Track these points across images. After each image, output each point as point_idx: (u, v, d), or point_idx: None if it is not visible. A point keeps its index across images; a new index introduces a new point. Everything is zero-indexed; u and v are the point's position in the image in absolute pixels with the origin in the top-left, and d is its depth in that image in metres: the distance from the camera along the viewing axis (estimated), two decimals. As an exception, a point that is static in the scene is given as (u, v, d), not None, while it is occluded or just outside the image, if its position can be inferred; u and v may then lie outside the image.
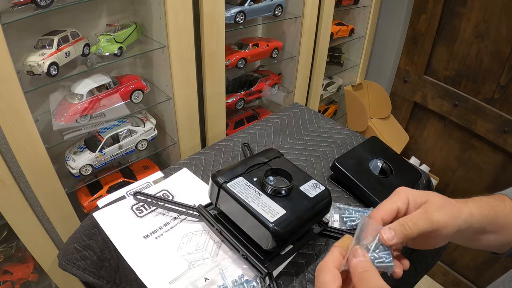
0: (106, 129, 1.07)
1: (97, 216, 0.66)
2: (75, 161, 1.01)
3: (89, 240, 0.66)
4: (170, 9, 0.95)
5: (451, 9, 1.47)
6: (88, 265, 0.67)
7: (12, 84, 0.76)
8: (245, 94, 1.41)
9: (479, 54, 1.41)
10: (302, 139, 0.94)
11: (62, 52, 0.89)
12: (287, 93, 1.58)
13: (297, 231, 0.56)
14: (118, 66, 1.15)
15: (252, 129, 0.97)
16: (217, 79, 1.19)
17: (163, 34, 1.01)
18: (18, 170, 0.86)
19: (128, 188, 0.74)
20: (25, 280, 1.12)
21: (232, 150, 0.88)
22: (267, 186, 0.57)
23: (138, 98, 1.09)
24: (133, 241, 0.62)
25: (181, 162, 0.83)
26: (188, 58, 1.06)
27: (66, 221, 1.02)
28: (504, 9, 1.28)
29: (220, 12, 1.06)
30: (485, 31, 1.37)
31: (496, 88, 1.39)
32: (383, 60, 1.88)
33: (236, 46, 1.35)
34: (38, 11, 0.79)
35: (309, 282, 0.58)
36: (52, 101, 1.01)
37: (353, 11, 1.79)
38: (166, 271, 0.57)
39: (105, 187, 1.11)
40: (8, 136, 0.80)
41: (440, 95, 1.61)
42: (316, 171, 0.83)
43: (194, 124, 1.21)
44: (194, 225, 0.66)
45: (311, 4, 1.36)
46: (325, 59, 1.63)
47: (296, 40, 1.44)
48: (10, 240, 1.05)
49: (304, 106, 1.11)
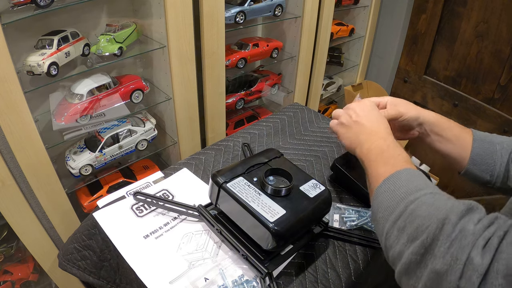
0: (106, 129, 1.07)
1: (97, 216, 0.66)
2: (75, 161, 1.01)
3: (89, 240, 0.66)
4: (170, 9, 0.95)
5: (451, 9, 1.47)
6: (88, 265, 0.67)
7: (12, 84, 0.76)
8: (245, 94, 1.41)
9: (479, 54, 1.41)
10: (302, 139, 0.94)
11: (62, 52, 0.89)
12: (287, 93, 1.58)
13: (297, 231, 0.56)
14: (118, 66, 1.15)
15: (252, 129, 0.97)
16: (217, 79, 1.19)
17: (163, 34, 1.01)
18: (18, 170, 0.86)
19: (128, 188, 0.74)
20: (25, 280, 1.12)
21: (232, 150, 0.88)
22: (267, 186, 0.57)
23: (138, 98, 1.09)
24: (133, 241, 0.62)
25: (181, 162, 0.83)
26: (188, 58, 1.06)
27: (66, 221, 1.02)
28: (504, 9, 1.28)
29: (220, 12, 1.06)
30: (485, 31, 1.37)
31: (496, 88, 1.39)
32: (383, 60, 1.88)
33: (236, 46, 1.35)
34: (38, 11, 0.79)
35: (309, 282, 0.58)
36: (52, 101, 1.01)
37: (353, 11, 1.79)
38: (166, 271, 0.57)
39: (105, 187, 1.11)
40: (8, 136, 0.80)
41: (440, 95, 1.61)
42: (316, 171, 0.83)
43: (194, 124, 1.21)
44: (194, 225, 0.66)
45: (311, 4, 1.36)
46: (325, 59, 1.63)
47: (296, 40, 1.44)
48: (10, 240, 1.05)
49: (304, 106, 1.11)
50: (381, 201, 0.44)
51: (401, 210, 0.39)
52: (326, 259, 0.62)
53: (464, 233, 0.32)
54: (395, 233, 0.39)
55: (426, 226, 0.35)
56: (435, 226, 0.34)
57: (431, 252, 0.33)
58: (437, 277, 0.32)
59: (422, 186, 0.41)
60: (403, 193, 0.41)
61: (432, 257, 0.33)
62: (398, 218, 0.39)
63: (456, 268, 0.31)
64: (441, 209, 0.35)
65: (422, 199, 0.39)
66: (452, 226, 0.33)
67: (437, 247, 0.32)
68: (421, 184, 0.42)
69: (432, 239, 0.33)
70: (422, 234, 0.35)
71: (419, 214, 0.37)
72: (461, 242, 0.31)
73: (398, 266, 0.37)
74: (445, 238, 0.32)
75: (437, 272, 0.32)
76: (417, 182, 0.42)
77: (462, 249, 0.31)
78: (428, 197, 0.39)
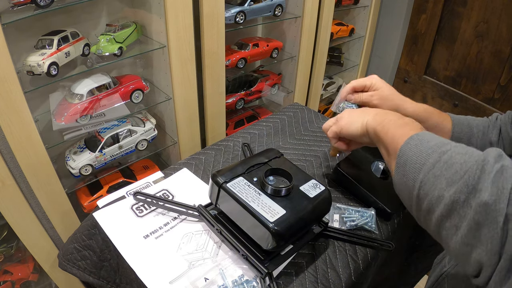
0: (106, 129, 1.07)
1: (97, 216, 0.66)
2: (75, 161, 1.01)
3: (89, 240, 0.66)
4: (170, 9, 0.95)
5: (451, 9, 1.47)
6: (88, 265, 0.67)
7: (12, 84, 0.76)
8: (245, 94, 1.41)
9: (479, 54, 1.41)
10: (302, 139, 0.94)
11: (62, 52, 0.89)
12: (287, 93, 1.58)
13: (297, 231, 0.56)
14: (118, 66, 1.15)
15: (252, 129, 0.97)
16: (217, 79, 1.19)
17: (163, 34, 1.01)
18: (18, 170, 0.86)
19: (128, 188, 0.74)
20: (25, 280, 1.12)
21: (232, 150, 0.88)
22: (267, 186, 0.57)
23: (138, 98, 1.09)
24: (133, 241, 0.62)
25: (181, 162, 0.83)
26: (188, 58, 1.06)
27: (66, 221, 1.02)
28: (504, 9, 1.28)
29: (220, 12, 1.06)
30: (485, 31, 1.37)
31: (496, 88, 1.39)
32: (383, 60, 1.88)
33: (236, 46, 1.35)
34: (38, 11, 0.79)
35: (309, 282, 0.58)
36: (52, 101, 1.01)
37: (353, 11, 1.79)
38: (166, 271, 0.57)
39: (105, 187, 1.11)
40: (8, 136, 0.80)
41: (440, 95, 1.61)
42: (316, 171, 0.83)
43: (194, 124, 1.21)
44: (194, 225, 0.66)
45: (311, 4, 1.36)
46: (325, 59, 1.63)
47: (296, 40, 1.44)
48: (10, 240, 1.05)
49: (304, 106, 1.11)
50: (409, 155, 0.44)
51: (435, 160, 0.40)
52: (326, 259, 0.62)
53: (505, 168, 0.35)
54: (431, 180, 0.39)
55: (465, 169, 0.36)
56: (475, 167, 0.36)
57: (476, 188, 0.35)
58: (485, 209, 0.33)
59: (448, 141, 0.42)
60: (432, 146, 0.42)
61: (477, 193, 0.34)
62: (433, 167, 0.40)
63: (503, 197, 0.33)
64: (475, 155, 0.37)
65: (454, 149, 0.40)
66: (491, 165, 0.35)
67: (481, 183, 0.34)
68: (446, 141, 0.43)
69: (474, 177, 0.35)
70: (463, 176, 0.36)
71: (455, 161, 0.38)
72: (503, 174, 0.34)
73: (438, 210, 0.38)
74: (488, 174, 0.35)
75: (485, 204, 0.33)
76: (442, 139, 0.43)
77: (506, 180, 0.33)
78: (460, 148, 0.40)
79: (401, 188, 0.45)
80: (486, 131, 0.64)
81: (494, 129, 0.64)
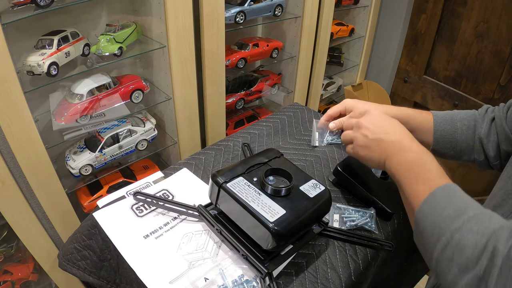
0: (106, 129, 1.07)
1: (97, 216, 0.66)
2: (75, 161, 1.01)
3: (89, 240, 0.66)
4: (170, 9, 0.95)
5: (451, 9, 1.47)
6: (88, 265, 0.67)
7: (12, 84, 0.76)
8: (245, 94, 1.41)
9: (479, 54, 1.41)
10: (302, 139, 0.94)
11: (62, 52, 0.89)
12: (287, 93, 1.58)
13: (297, 231, 0.56)
14: (118, 66, 1.15)
15: (252, 129, 0.97)
16: (217, 79, 1.19)
17: (163, 34, 1.01)
18: (18, 170, 0.86)
19: (128, 188, 0.74)
20: (25, 280, 1.12)
21: (232, 150, 0.88)
22: (267, 186, 0.57)
23: (138, 98, 1.09)
24: (133, 241, 0.62)
25: (181, 162, 0.83)
26: (188, 58, 1.06)
27: (66, 221, 1.02)
28: (504, 9, 1.28)
29: (220, 12, 1.06)
30: (485, 31, 1.37)
31: (496, 88, 1.39)
32: (383, 60, 1.88)
33: (236, 46, 1.35)
34: (38, 11, 0.79)
35: (309, 282, 0.58)
36: (52, 101, 1.01)
37: (353, 11, 1.79)
38: (166, 271, 0.57)
39: (105, 187, 1.11)
40: (8, 136, 0.80)
41: (440, 95, 1.61)
42: (316, 171, 0.83)
43: (194, 124, 1.21)
44: (194, 225, 0.66)
45: (311, 4, 1.36)
46: (325, 59, 1.63)
47: (296, 40, 1.44)
48: (10, 240, 1.05)
49: (304, 106, 1.11)
50: (424, 227, 0.44)
51: (447, 240, 0.40)
52: (326, 259, 0.62)
53: None
54: (445, 263, 0.39)
55: (476, 258, 0.36)
56: (485, 259, 0.36)
57: (484, 284, 0.35)
58: None
59: (462, 208, 0.42)
60: (445, 218, 0.41)
61: None
62: (445, 248, 0.40)
63: None
64: (486, 236, 0.37)
65: (465, 226, 0.39)
66: (501, 257, 0.35)
67: (490, 280, 0.35)
68: (461, 206, 0.42)
69: (484, 271, 0.35)
70: (474, 266, 0.36)
71: (466, 244, 0.38)
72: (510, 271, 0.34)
73: None
74: (497, 269, 0.34)
75: None
76: (456, 204, 0.43)
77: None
78: (471, 224, 0.39)
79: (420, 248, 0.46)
80: (473, 125, 0.64)
81: (483, 122, 0.63)
